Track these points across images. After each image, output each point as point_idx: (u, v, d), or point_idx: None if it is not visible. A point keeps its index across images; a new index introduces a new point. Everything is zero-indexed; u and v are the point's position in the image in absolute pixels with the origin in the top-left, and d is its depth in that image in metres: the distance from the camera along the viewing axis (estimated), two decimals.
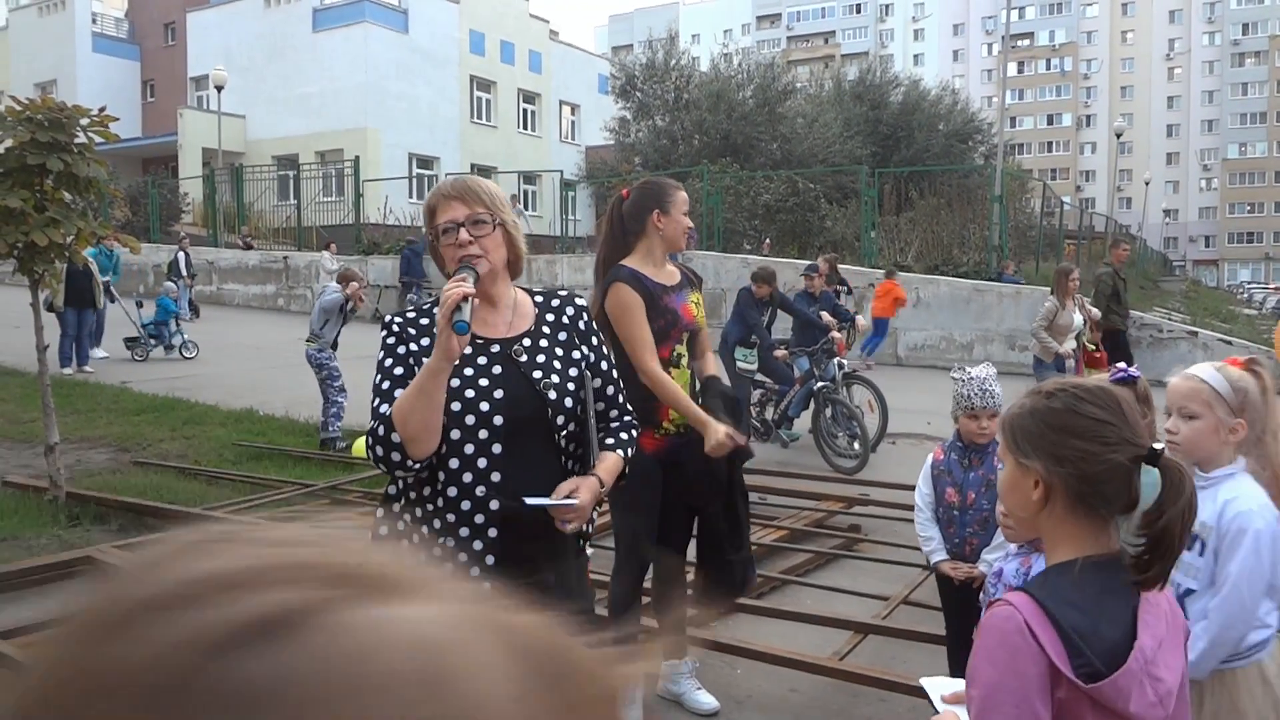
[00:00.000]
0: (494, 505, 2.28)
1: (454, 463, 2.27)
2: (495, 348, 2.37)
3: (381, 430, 2.21)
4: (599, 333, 2.59)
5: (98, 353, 13.83)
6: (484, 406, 2.29)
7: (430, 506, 2.30)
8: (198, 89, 36.84)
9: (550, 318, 2.50)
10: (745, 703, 3.95)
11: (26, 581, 5.14)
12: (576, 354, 2.48)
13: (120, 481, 7.21)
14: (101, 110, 6.33)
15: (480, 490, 2.27)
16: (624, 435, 2.55)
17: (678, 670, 3.90)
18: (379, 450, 2.22)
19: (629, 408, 2.62)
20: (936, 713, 1.73)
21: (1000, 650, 1.42)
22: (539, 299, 2.53)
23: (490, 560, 2.28)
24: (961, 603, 3.19)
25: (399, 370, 2.32)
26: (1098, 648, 1.41)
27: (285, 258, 23.67)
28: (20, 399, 10.14)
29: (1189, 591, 2.47)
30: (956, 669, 3.67)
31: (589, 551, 2.62)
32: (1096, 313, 10.61)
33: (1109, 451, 1.47)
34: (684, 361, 3.60)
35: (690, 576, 3.94)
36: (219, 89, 29.22)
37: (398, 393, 2.26)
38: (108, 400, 10.63)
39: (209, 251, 24.74)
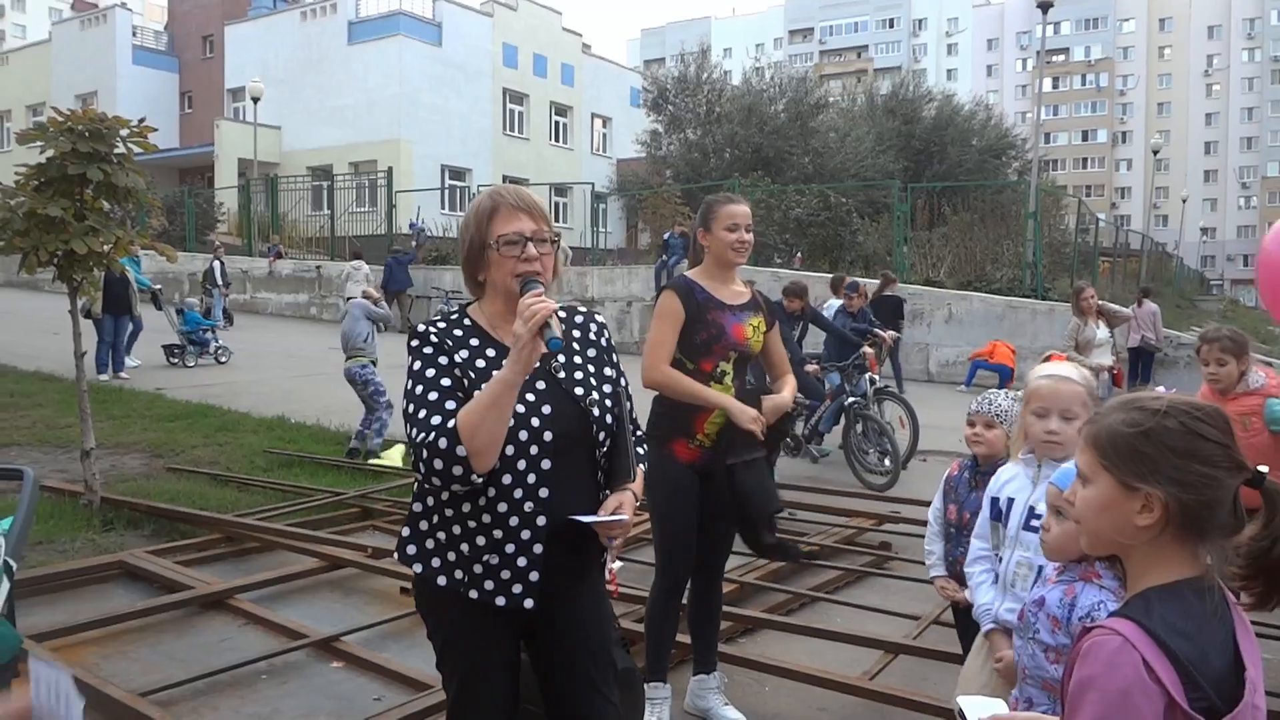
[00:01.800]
0: (541, 521, 2.26)
1: (507, 478, 2.23)
2: (535, 364, 2.35)
3: (444, 443, 2.13)
4: (615, 350, 2.59)
5: (130, 360, 14.01)
6: (535, 422, 2.26)
7: (473, 523, 2.26)
8: (234, 100, 37.36)
9: (576, 334, 2.48)
10: None
11: (60, 585, 5.19)
12: (608, 370, 2.48)
13: (153, 487, 7.28)
14: (141, 121, 6.40)
15: (529, 506, 2.25)
16: (640, 450, 2.56)
17: (705, 685, 3.86)
18: (438, 463, 2.13)
19: (638, 423, 2.64)
20: None
21: (1113, 685, 1.32)
22: (561, 315, 2.50)
23: (534, 577, 2.26)
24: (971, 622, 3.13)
25: (446, 381, 2.25)
26: (1210, 679, 1.34)
27: (318, 267, 23.89)
28: (58, 404, 10.27)
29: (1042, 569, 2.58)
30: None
31: (618, 565, 2.61)
32: (1126, 313, 11.07)
33: (1227, 476, 1.41)
34: (728, 379, 3.58)
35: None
36: (255, 100, 29.60)
37: (449, 404, 2.20)
38: (142, 407, 10.75)
39: (243, 261, 25.02)
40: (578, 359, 2.42)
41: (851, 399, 8.88)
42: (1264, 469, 1.43)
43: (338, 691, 4.09)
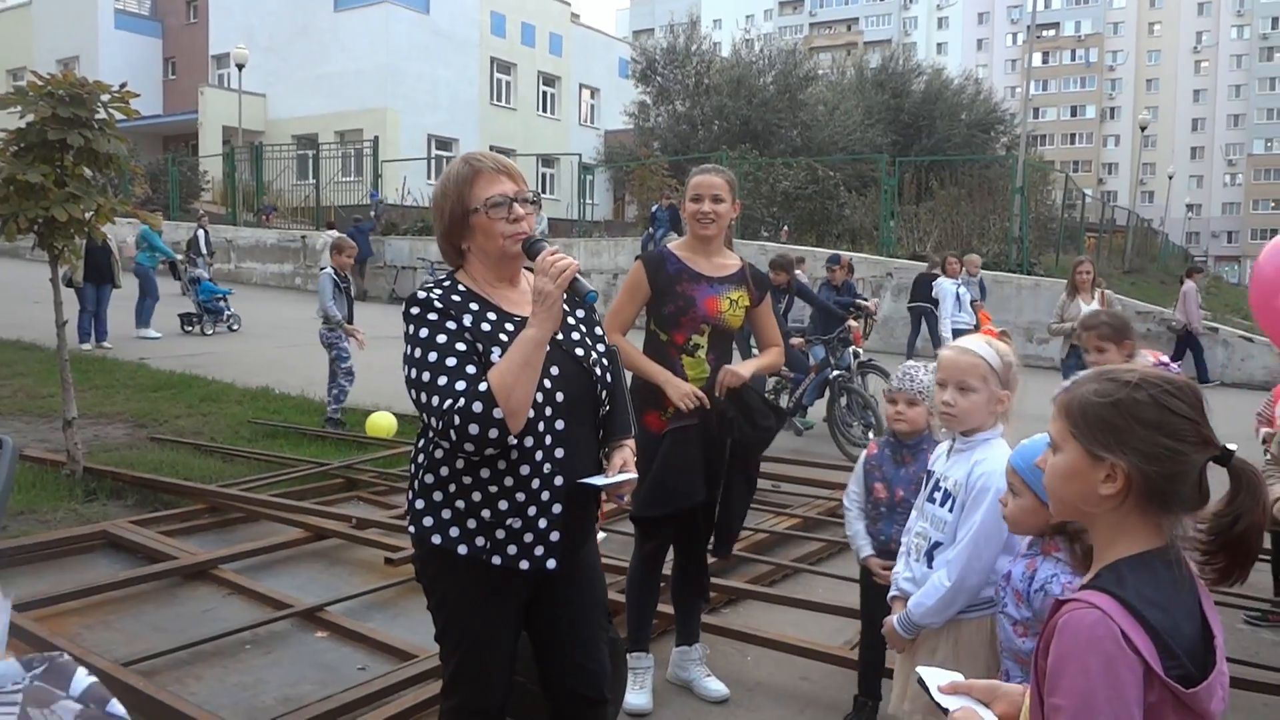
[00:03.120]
0: (559, 481, 2.28)
1: (529, 440, 2.25)
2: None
3: (480, 406, 2.11)
4: (610, 313, 2.61)
5: (150, 333, 14.08)
6: (547, 383, 2.27)
7: (494, 488, 2.27)
8: (219, 67, 36.93)
9: (565, 298, 2.50)
10: (755, 690, 3.94)
11: (43, 555, 5.17)
12: (598, 329, 2.52)
13: (136, 457, 7.25)
14: (122, 86, 6.32)
15: (548, 467, 2.28)
16: (631, 412, 2.59)
17: (688, 656, 3.89)
18: (474, 428, 2.11)
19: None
20: (932, 698, 1.68)
21: (1093, 657, 1.33)
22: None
23: (555, 537, 2.29)
24: (880, 607, 3.03)
25: (461, 345, 2.22)
26: (1183, 647, 1.35)
27: (303, 237, 23.73)
28: (39, 374, 10.20)
29: (938, 544, 2.66)
30: (870, 681, 3.58)
31: (601, 535, 2.63)
32: (1115, 299, 10.92)
33: (1193, 451, 1.42)
34: (701, 353, 3.57)
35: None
36: (240, 67, 29.26)
37: (470, 369, 2.19)
38: (125, 376, 10.69)
39: (228, 230, 24.83)
40: (570, 320, 2.44)
41: (836, 372, 8.91)
42: (1232, 446, 1.44)
43: (322, 661, 4.10)
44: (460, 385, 2.16)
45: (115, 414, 8.88)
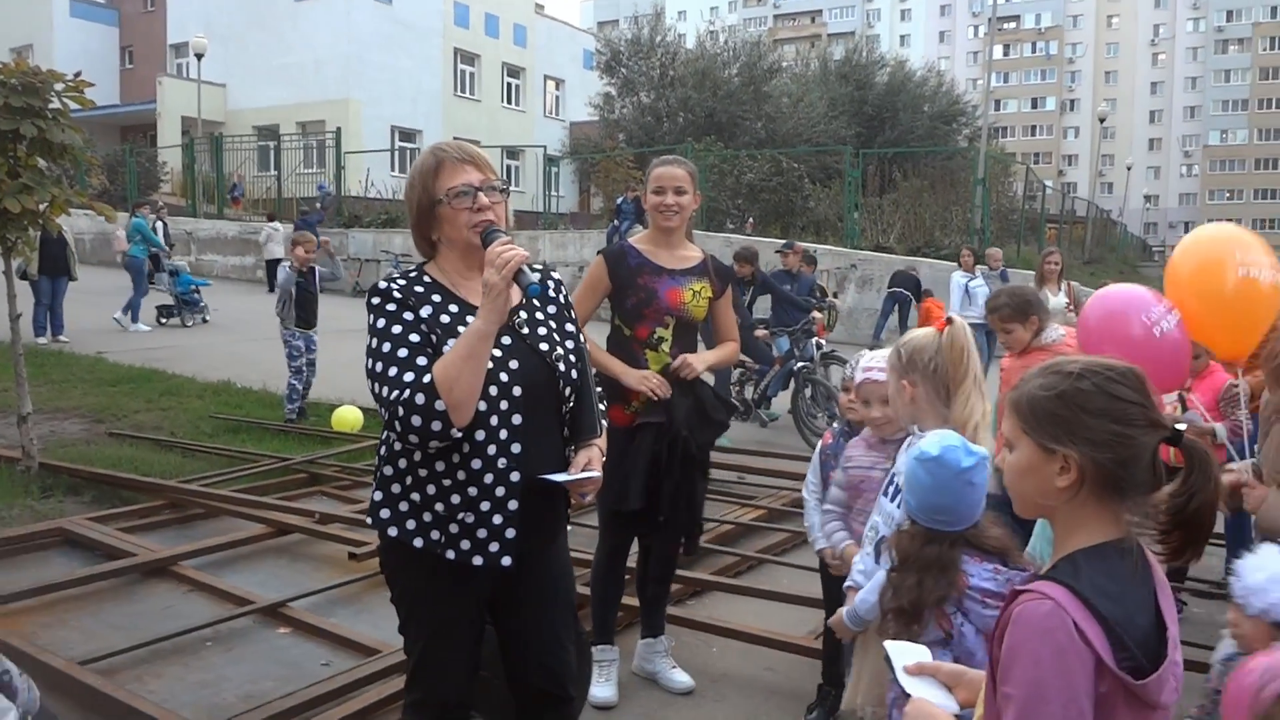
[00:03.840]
0: (515, 477, 2.26)
1: (480, 434, 2.22)
2: (508, 313, 2.34)
3: (422, 398, 2.10)
4: (573, 306, 2.58)
5: (140, 327, 14.04)
6: (503, 377, 2.25)
7: (448, 482, 2.25)
8: (177, 56, 36.34)
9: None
10: (721, 681, 3.95)
11: None
12: (569, 326, 2.49)
13: (94, 453, 7.14)
14: (77, 75, 6.21)
15: (502, 462, 2.25)
16: (601, 406, 2.57)
17: (653, 649, 3.90)
18: (417, 420, 2.10)
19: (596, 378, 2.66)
20: (896, 677, 1.69)
21: (1045, 648, 1.35)
22: (537, 267, 2.52)
23: (511, 534, 2.27)
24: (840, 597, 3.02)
25: (414, 337, 2.21)
26: (1136, 638, 1.37)
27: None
28: None
29: (884, 538, 2.58)
30: (834, 669, 3.57)
31: (569, 528, 2.62)
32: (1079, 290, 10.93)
33: (1142, 434, 1.43)
34: (665, 346, 3.56)
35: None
36: (199, 57, 28.84)
37: (421, 360, 2.17)
38: (82, 370, 10.52)
39: (187, 222, 24.48)
40: (539, 315, 2.42)
41: (800, 363, 8.95)
42: (1182, 426, 1.46)
43: (285, 658, 4.07)
44: (408, 377, 2.15)
45: (72, 409, 8.74)
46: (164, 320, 14.74)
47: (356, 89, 32.12)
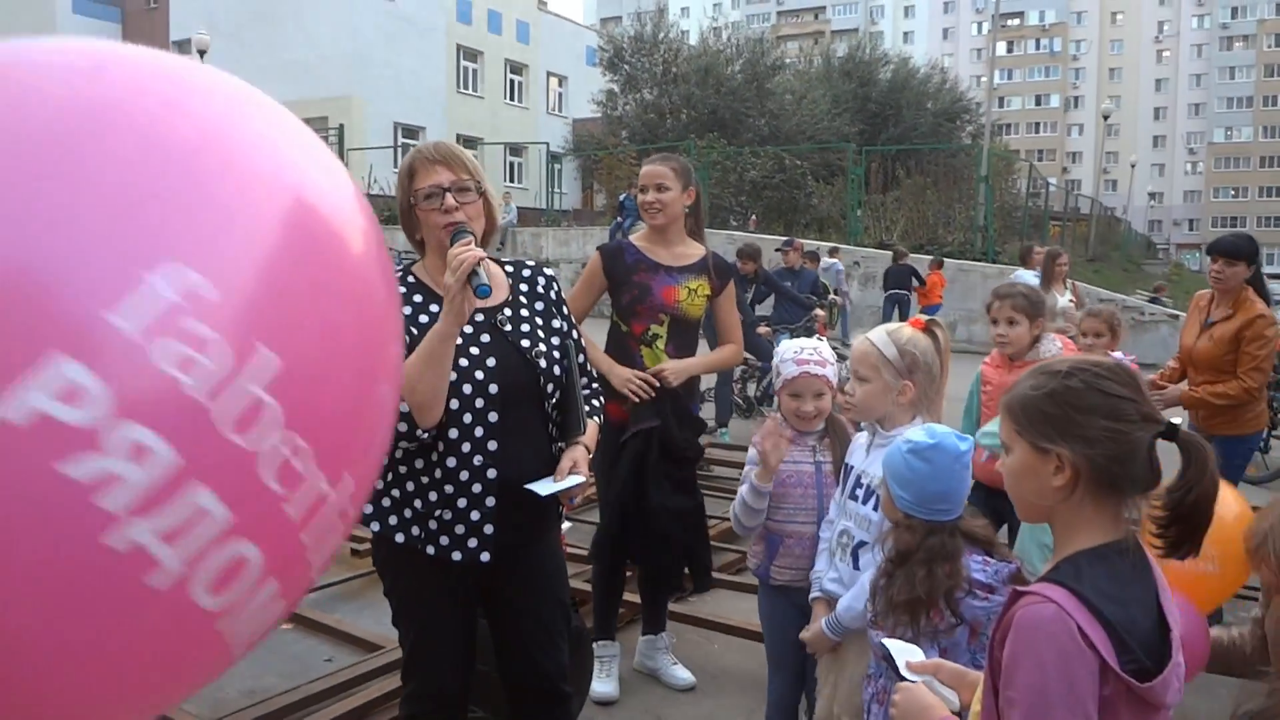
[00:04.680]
0: (491, 474, 2.27)
1: (453, 433, 2.24)
2: (480, 316, 2.34)
3: None
4: (566, 303, 2.58)
5: None
6: (479, 375, 2.26)
7: (425, 479, 2.27)
8: (180, 54, 36.31)
9: (524, 288, 2.49)
10: (721, 677, 3.96)
11: None
12: (556, 323, 2.49)
13: None
14: None
15: (478, 460, 2.26)
16: (595, 403, 2.58)
17: (654, 645, 3.91)
18: None
19: (593, 373, 2.66)
20: (900, 676, 1.69)
21: (1049, 652, 1.34)
22: (509, 268, 2.51)
23: (489, 530, 2.28)
24: None
25: None
26: (1139, 640, 1.36)
27: None
28: None
29: (862, 543, 2.54)
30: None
31: (567, 525, 2.63)
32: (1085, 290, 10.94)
33: (1135, 430, 1.43)
34: (660, 343, 3.56)
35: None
36: (202, 54, 28.80)
37: None
38: None
39: None
40: (525, 311, 2.42)
41: None
42: (1176, 420, 1.46)
43: (289, 653, 4.08)
44: None
45: None
46: None
47: (359, 86, 32.14)
